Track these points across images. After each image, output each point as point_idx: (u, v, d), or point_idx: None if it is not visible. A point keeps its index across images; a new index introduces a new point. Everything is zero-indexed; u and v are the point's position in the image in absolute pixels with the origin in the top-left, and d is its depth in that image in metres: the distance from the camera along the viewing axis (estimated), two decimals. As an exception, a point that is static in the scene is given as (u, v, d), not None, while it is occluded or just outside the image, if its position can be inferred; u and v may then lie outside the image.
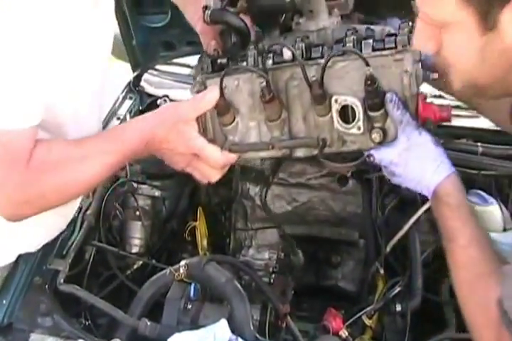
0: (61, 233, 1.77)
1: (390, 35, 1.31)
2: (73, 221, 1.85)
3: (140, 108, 2.58)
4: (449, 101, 2.37)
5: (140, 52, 2.44)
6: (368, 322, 1.77)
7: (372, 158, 1.30)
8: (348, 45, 1.30)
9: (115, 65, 2.12)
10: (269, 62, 1.36)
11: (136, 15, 2.20)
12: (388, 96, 1.26)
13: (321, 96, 1.29)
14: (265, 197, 1.95)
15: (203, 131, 1.38)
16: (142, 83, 2.67)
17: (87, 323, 1.73)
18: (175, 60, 2.73)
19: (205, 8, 1.46)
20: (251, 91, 1.37)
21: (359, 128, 1.29)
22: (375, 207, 2.11)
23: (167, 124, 1.33)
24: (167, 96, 2.41)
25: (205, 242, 1.84)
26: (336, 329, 1.68)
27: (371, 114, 1.28)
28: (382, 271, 1.92)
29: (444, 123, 2.29)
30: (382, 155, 1.29)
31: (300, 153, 1.39)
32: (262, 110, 1.37)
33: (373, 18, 2.11)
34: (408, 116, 1.26)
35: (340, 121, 1.30)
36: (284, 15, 1.49)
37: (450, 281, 1.23)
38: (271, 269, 1.90)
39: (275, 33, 1.50)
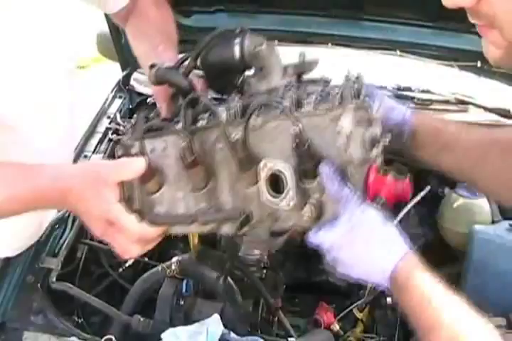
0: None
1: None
2: (65, 219, 1.85)
3: (130, 107, 2.58)
4: (437, 96, 2.42)
5: (129, 51, 2.44)
6: (359, 315, 1.78)
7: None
8: (285, 104, 1.08)
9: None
10: (203, 122, 1.17)
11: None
12: (321, 166, 1.02)
13: (246, 161, 1.08)
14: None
15: (128, 200, 1.17)
16: (132, 82, 2.67)
17: (80, 321, 1.73)
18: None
19: (152, 66, 1.32)
20: (178, 156, 1.15)
21: (288, 203, 1.05)
22: (365, 200, 2.11)
23: (86, 179, 1.18)
24: (157, 94, 2.45)
25: (196, 239, 1.84)
26: (328, 323, 1.70)
27: (305, 185, 1.05)
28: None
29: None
30: (320, 238, 1.03)
31: (226, 228, 1.16)
32: (188, 178, 1.17)
33: (361, 14, 2.14)
34: (347, 190, 1.01)
35: (269, 193, 1.07)
36: (241, 76, 1.30)
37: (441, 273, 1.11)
38: (262, 265, 1.90)
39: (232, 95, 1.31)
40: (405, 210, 1.93)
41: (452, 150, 1.26)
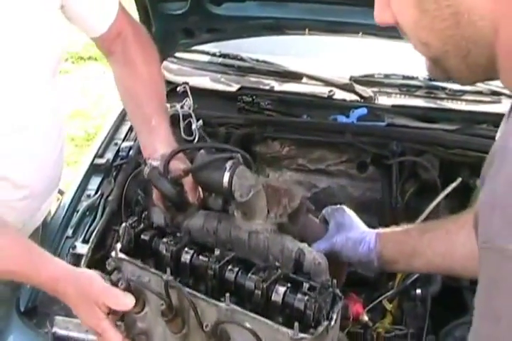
0: None
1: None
2: (95, 207, 1.87)
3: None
4: (469, 87, 2.39)
5: (159, 40, 2.44)
6: (388, 306, 1.77)
7: None
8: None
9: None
10: (187, 257, 1.29)
11: (155, 2, 2.20)
12: None
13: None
14: None
15: (114, 311, 1.29)
16: (162, 70, 2.68)
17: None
18: (194, 48, 2.73)
19: (145, 162, 1.43)
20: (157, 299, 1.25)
21: None
22: (394, 192, 2.10)
23: (79, 293, 1.30)
24: (187, 83, 2.45)
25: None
26: (357, 314, 1.69)
27: None
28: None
29: (466, 108, 2.34)
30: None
31: None
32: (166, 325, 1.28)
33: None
34: None
35: None
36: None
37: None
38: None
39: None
40: (435, 202, 1.91)
41: (422, 254, 1.36)
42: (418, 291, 1.76)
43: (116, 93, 1.68)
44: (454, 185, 1.98)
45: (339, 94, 2.42)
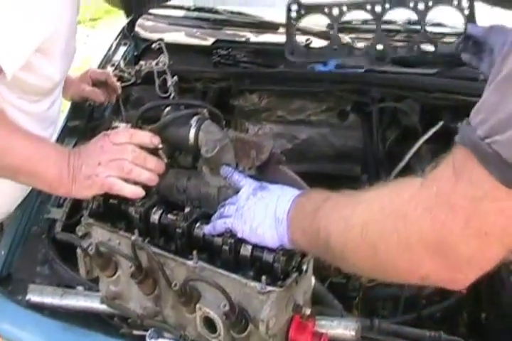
0: None
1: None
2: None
3: (135, 53, 2.54)
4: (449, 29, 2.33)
5: (133, -3, 2.40)
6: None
7: None
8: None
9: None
10: (155, 217, 1.27)
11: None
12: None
13: (185, 299, 1.16)
14: None
15: (88, 273, 1.31)
16: (136, 28, 2.63)
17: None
18: (168, 3, 2.67)
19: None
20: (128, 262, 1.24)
21: None
22: (375, 140, 2.07)
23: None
24: (161, 39, 2.39)
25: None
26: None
27: (234, 334, 1.13)
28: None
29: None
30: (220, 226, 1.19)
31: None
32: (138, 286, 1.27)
33: None
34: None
35: (204, 327, 1.16)
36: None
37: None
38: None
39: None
40: (415, 147, 1.88)
41: None
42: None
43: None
44: (434, 129, 1.95)
45: (316, 43, 2.35)
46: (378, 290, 1.67)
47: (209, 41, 2.49)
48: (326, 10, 1.96)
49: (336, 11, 1.96)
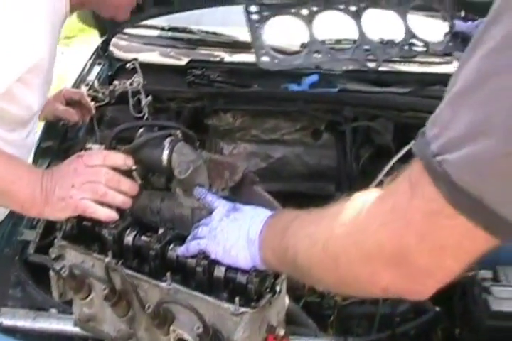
0: None
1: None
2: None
3: (109, 73, 2.54)
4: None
5: (108, 17, 2.39)
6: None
7: None
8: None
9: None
10: (129, 238, 1.25)
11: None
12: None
13: (159, 323, 1.15)
14: None
15: (61, 295, 1.30)
16: (111, 48, 2.63)
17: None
18: (142, 23, 2.68)
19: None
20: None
21: None
22: (349, 159, 2.08)
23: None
24: (136, 59, 2.40)
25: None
26: None
27: None
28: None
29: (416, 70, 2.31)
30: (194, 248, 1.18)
31: None
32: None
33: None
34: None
35: None
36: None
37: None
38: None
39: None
40: (388, 166, 1.89)
41: None
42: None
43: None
44: (407, 147, 1.96)
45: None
46: (353, 308, 1.67)
47: (183, 61, 2.50)
48: (293, 10, 1.93)
49: (305, 12, 1.94)
